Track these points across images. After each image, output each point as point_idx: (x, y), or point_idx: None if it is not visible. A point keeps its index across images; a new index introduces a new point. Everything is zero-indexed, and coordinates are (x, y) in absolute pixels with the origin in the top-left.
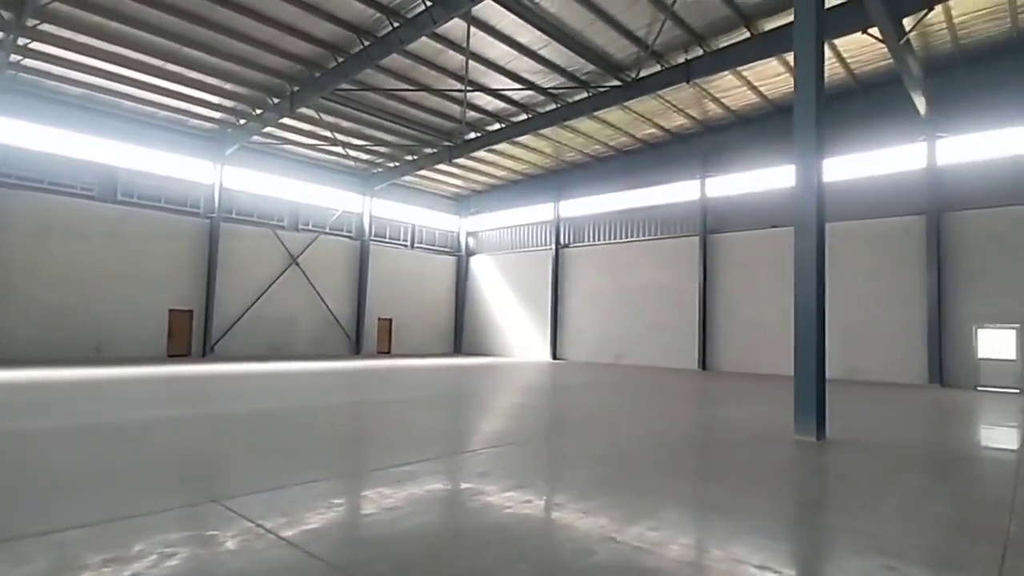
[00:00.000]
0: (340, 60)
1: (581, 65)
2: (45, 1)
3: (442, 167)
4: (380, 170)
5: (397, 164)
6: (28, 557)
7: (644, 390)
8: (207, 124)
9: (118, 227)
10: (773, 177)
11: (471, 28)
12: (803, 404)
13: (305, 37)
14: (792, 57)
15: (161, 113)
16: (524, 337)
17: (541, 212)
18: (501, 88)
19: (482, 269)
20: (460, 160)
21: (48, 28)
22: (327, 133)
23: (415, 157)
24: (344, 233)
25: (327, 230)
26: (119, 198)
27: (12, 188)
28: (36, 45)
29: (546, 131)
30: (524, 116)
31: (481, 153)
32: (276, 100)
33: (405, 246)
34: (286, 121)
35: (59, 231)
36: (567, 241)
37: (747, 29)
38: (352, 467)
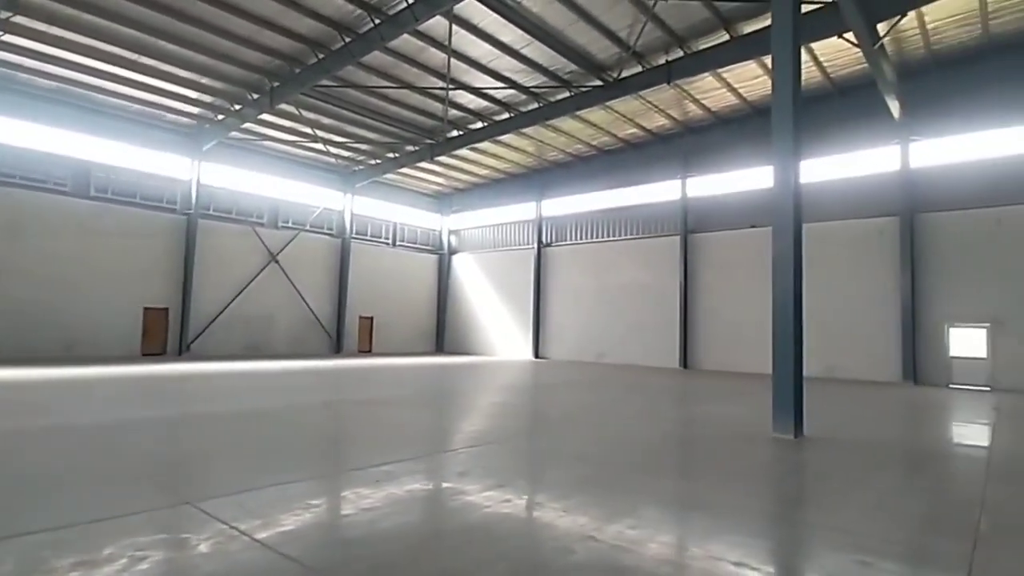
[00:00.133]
0: (321, 56)
1: (563, 65)
2: None
3: (424, 165)
4: (361, 167)
5: (379, 161)
6: None
7: (625, 389)
8: (184, 119)
9: (91, 223)
10: (752, 178)
11: (453, 26)
12: (781, 402)
13: (285, 33)
14: (770, 60)
15: (136, 107)
16: (506, 336)
17: (523, 211)
18: (483, 87)
19: (464, 268)
20: (442, 158)
21: (21, 20)
22: (307, 130)
23: (397, 155)
24: (325, 231)
25: (307, 227)
26: (93, 193)
27: None
28: (8, 37)
29: (528, 130)
30: (506, 115)
31: (463, 151)
32: (255, 96)
33: (387, 244)
34: (266, 117)
35: (30, 226)
36: (549, 240)
37: (726, 32)
38: (330, 467)
